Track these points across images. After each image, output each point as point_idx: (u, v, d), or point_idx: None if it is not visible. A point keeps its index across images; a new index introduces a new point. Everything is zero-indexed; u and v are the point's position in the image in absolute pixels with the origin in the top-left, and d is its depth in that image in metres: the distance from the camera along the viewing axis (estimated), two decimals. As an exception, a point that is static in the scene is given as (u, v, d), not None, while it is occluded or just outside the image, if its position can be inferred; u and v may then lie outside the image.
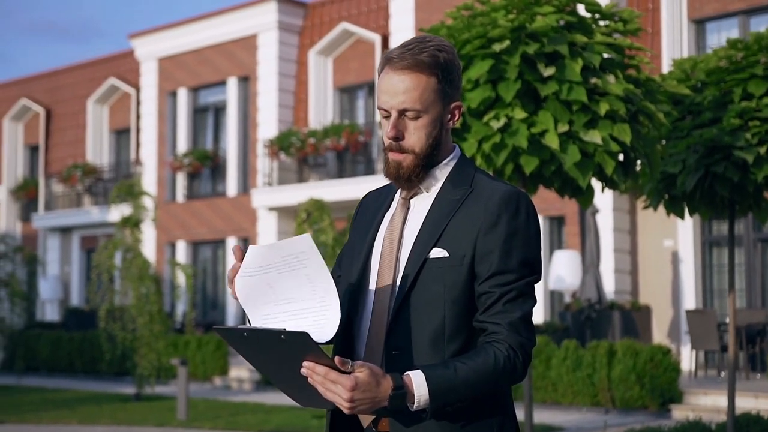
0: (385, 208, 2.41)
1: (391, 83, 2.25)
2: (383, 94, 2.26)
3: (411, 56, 2.23)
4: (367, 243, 2.36)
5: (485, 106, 6.13)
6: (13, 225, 27.35)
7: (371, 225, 2.40)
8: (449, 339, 2.20)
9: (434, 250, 2.23)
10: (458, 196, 2.27)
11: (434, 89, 2.24)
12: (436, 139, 2.28)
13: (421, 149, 2.27)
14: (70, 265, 25.50)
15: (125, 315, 15.05)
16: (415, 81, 2.22)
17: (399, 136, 2.26)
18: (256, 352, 2.11)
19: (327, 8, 21.30)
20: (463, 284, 2.20)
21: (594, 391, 12.83)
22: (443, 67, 2.25)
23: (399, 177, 2.29)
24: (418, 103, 2.23)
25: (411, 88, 2.23)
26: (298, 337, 1.98)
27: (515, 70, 6.00)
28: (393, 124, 2.25)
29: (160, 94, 23.40)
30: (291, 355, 2.03)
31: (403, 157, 2.27)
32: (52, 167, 26.25)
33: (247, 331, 2.05)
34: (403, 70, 2.23)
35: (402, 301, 2.23)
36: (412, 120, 2.25)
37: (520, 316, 2.19)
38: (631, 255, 16.59)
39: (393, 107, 2.25)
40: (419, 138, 2.26)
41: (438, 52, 2.25)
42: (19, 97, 27.34)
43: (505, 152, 6.07)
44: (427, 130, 2.26)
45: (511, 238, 2.21)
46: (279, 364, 2.08)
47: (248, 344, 2.09)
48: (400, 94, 2.23)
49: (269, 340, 2.03)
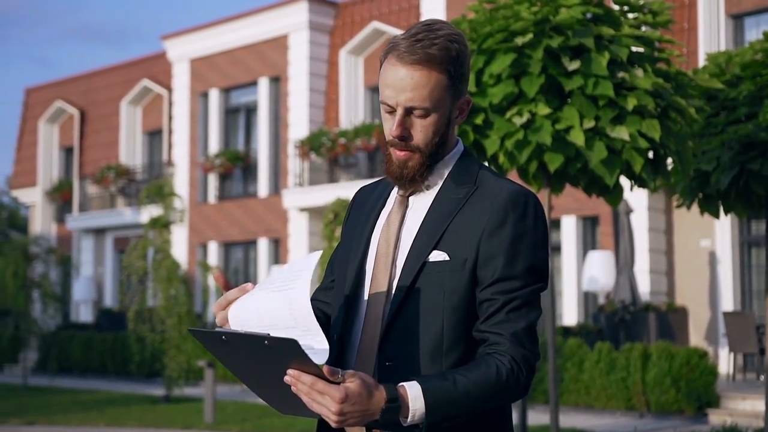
0: (381, 205, 2.22)
1: (397, 77, 2.05)
2: (388, 89, 2.07)
3: (421, 50, 2.03)
4: (362, 244, 2.19)
5: (508, 102, 5.94)
6: (49, 226, 27.52)
7: (366, 224, 2.22)
8: (448, 349, 2.03)
9: (434, 253, 2.05)
10: (461, 195, 2.10)
11: (444, 86, 2.06)
12: (443, 136, 2.11)
13: (427, 147, 2.09)
14: (104, 266, 25.60)
15: (154, 316, 15.00)
16: (425, 77, 2.03)
17: (405, 136, 2.08)
18: (236, 358, 1.95)
19: (358, 7, 21.17)
20: (464, 290, 2.03)
21: (628, 394, 12.55)
22: (455, 61, 2.06)
23: (402, 176, 2.11)
24: (427, 101, 2.05)
25: (420, 85, 2.03)
26: (284, 343, 1.81)
27: (539, 65, 5.81)
28: (399, 121, 2.07)
29: (192, 95, 23.41)
30: (274, 362, 1.87)
31: (409, 155, 2.09)
32: (87, 169, 26.38)
33: (226, 334, 1.88)
34: (412, 64, 2.03)
35: (397, 307, 2.05)
36: (420, 118, 2.07)
37: (524, 327, 2.01)
38: (667, 255, 16.26)
39: (399, 104, 2.06)
40: (426, 136, 2.08)
41: (449, 43, 2.06)
42: (54, 99, 27.52)
43: (528, 149, 5.87)
44: (434, 128, 2.08)
45: (518, 241, 2.02)
46: (260, 370, 1.92)
47: (227, 349, 1.92)
48: (408, 91, 2.04)
49: (251, 346, 1.86)
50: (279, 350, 1.83)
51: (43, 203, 27.60)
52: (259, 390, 2.00)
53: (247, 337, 1.85)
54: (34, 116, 28.26)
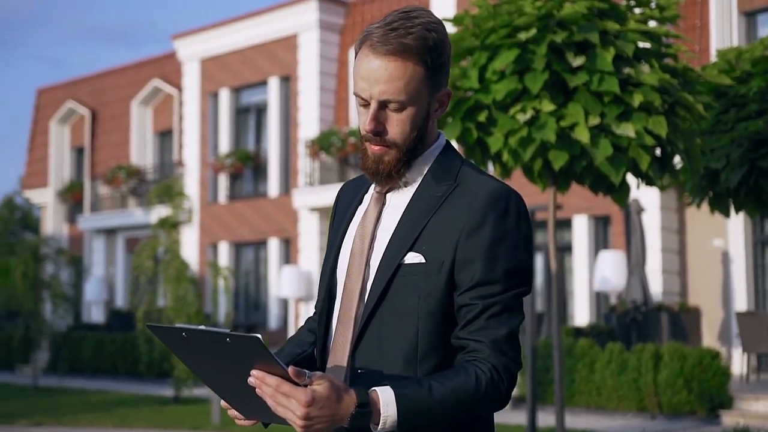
0: (359, 201, 2.13)
1: (370, 69, 1.93)
2: (361, 80, 1.95)
3: (395, 39, 1.91)
4: (337, 242, 2.09)
5: (512, 99, 5.84)
6: (60, 227, 27.54)
7: (342, 222, 2.13)
8: (423, 356, 1.92)
9: (409, 255, 1.94)
10: (440, 193, 1.98)
11: (421, 78, 1.94)
12: (422, 132, 2.00)
13: (404, 142, 1.98)
14: (115, 266, 25.60)
15: (163, 317, 14.95)
16: (399, 69, 1.92)
17: (380, 131, 1.97)
18: (196, 356, 1.85)
19: (368, 6, 21.07)
20: (441, 295, 1.92)
21: (640, 396, 12.41)
22: (432, 51, 1.94)
23: (378, 172, 2.00)
24: (402, 94, 1.93)
25: (395, 77, 1.92)
26: (247, 341, 1.71)
27: (542, 60, 5.70)
28: (373, 115, 1.96)
29: (202, 95, 23.37)
30: (237, 362, 1.77)
31: (385, 150, 1.98)
32: (98, 169, 26.39)
33: (186, 331, 1.78)
34: (386, 55, 1.91)
35: (371, 311, 1.95)
36: (395, 112, 1.96)
37: (505, 334, 1.90)
38: (680, 255, 16.09)
39: (373, 97, 1.94)
40: (402, 131, 1.97)
41: (427, 32, 1.93)
42: (66, 99, 27.55)
43: (532, 147, 5.76)
44: (411, 123, 1.97)
45: (498, 243, 1.92)
46: (223, 371, 1.83)
47: (187, 346, 1.83)
48: (382, 83, 1.93)
49: (212, 344, 1.77)
50: (242, 349, 1.74)
51: (54, 204, 27.63)
52: (224, 393, 1.90)
53: (208, 334, 1.76)
54: (46, 117, 28.30)
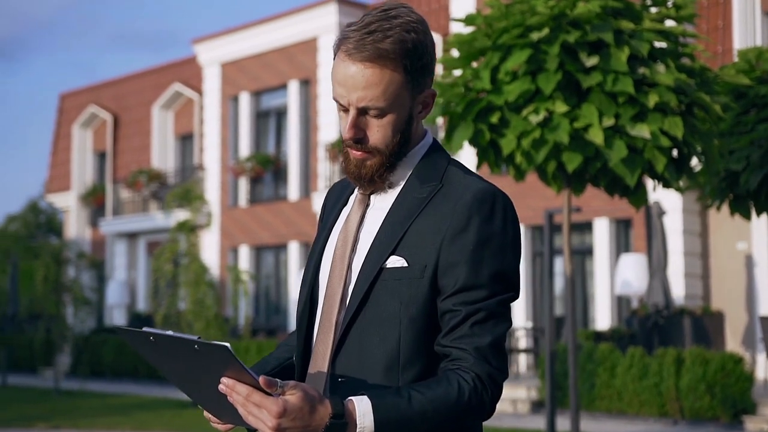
0: (343, 202, 2.06)
1: (347, 74, 1.85)
2: (339, 86, 1.88)
3: (372, 44, 1.83)
4: (320, 245, 2.02)
5: (524, 100, 5.75)
6: (83, 230, 27.67)
7: (326, 224, 2.06)
8: (405, 365, 1.85)
9: (391, 258, 1.87)
10: (424, 194, 1.91)
11: (401, 82, 1.86)
12: (405, 135, 1.92)
13: (387, 148, 1.90)
14: (137, 270, 25.68)
15: (182, 320, 14.95)
16: (377, 75, 1.84)
17: (360, 137, 1.89)
18: (167, 361, 1.80)
19: (388, 9, 21.00)
20: (424, 300, 1.84)
21: (661, 401, 12.25)
22: (412, 53, 1.86)
23: (360, 177, 1.93)
24: (381, 101, 1.85)
25: (373, 84, 1.84)
26: (215, 349, 1.65)
27: (555, 61, 5.61)
28: (352, 123, 1.88)
29: (222, 98, 23.41)
30: (208, 368, 1.72)
31: (366, 156, 1.91)
32: (120, 173, 26.50)
33: (154, 335, 1.73)
34: (362, 61, 1.84)
35: (351, 317, 1.88)
36: (375, 118, 1.88)
37: (490, 342, 1.82)
38: (702, 258, 15.90)
39: (352, 104, 1.87)
40: (384, 136, 1.89)
41: (405, 34, 1.85)
42: (88, 104, 27.69)
43: (545, 148, 5.67)
44: (393, 128, 1.89)
45: (483, 246, 1.84)
46: (194, 375, 1.78)
47: (156, 350, 1.78)
48: (360, 90, 1.85)
49: (181, 350, 1.72)
50: (211, 357, 1.68)
51: (77, 207, 27.77)
52: (198, 398, 1.85)
53: (175, 340, 1.70)
54: (69, 121, 28.47)
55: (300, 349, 1.98)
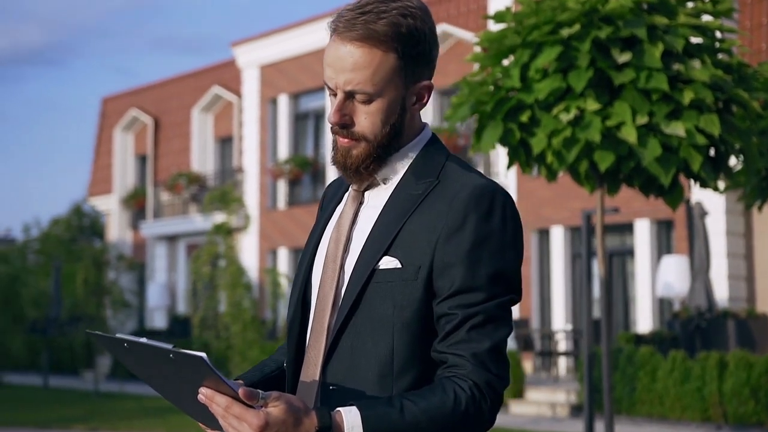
0: (338, 200, 1.96)
1: (336, 55, 1.77)
2: (328, 68, 1.79)
3: (363, 25, 1.74)
4: (312, 245, 1.92)
5: (555, 98, 5.61)
6: (124, 233, 27.90)
7: (320, 222, 1.96)
8: (399, 373, 1.74)
9: (384, 259, 1.76)
10: (420, 191, 1.80)
11: (392, 68, 1.77)
12: (396, 126, 1.81)
13: (375, 138, 1.80)
14: (177, 272, 25.82)
15: (219, 323, 14.98)
16: (366, 57, 1.75)
17: (346, 123, 1.80)
18: (144, 367, 1.73)
19: (426, 9, 20.90)
20: (419, 303, 1.73)
21: (704, 405, 12.01)
22: (406, 39, 1.76)
23: (346, 167, 1.83)
24: (369, 85, 1.76)
25: (361, 66, 1.75)
26: (191, 359, 1.58)
27: (587, 57, 5.47)
28: (337, 106, 1.79)
29: (261, 101, 23.46)
30: (185, 377, 1.64)
31: (352, 144, 1.81)
32: (160, 176, 26.67)
33: (128, 342, 1.66)
34: (352, 42, 1.75)
35: (342, 322, 1.77)
36: (363, 104, 1.79)
37: (489, 348, 1.70)
38: (747, 260, 15.58)
39: (339, 86, 1.78)
40: (372, 124, 1.79)
41: (401, 18, 1.76)
42: (130, 107, 27.92)
43: (576, 148, 5.53)
44: (382, 116, 1.79)
45: (480, 245, 1.73)
46: (173, 383, 1.71)
47: (132, 355, 1.71)
48: (347, 72, 1.76)
49: (156, 358, 1.65)
50: (187, 366, 1.60)
51: (119, 210, 28.00)
52: (181, 405, 1.77)
53: (150, 348, 1.63)
54: (110, 125, 28.73)
55: (292, 355, 1.88)
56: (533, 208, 17.54)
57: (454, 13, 20.23)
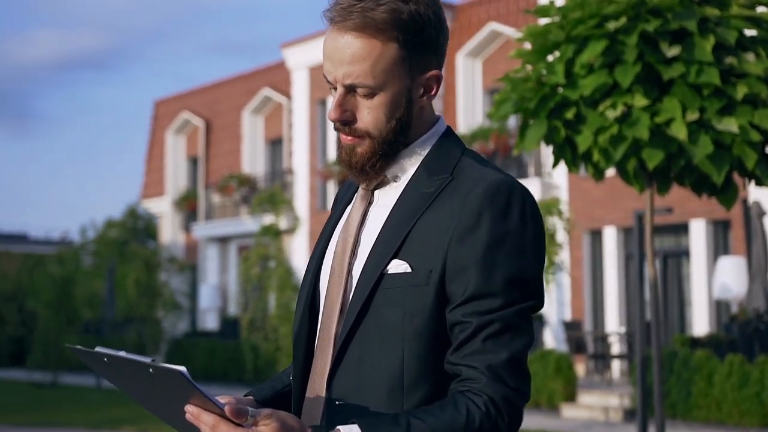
0: (348, 200, 1.83)
1: (334, 47, 1.64)
2: (326, 61, 1.66)
3: (360, 13, 1.61)
4: (320, 247, 1.79)
5: (601, 94, 5.42)
6: (177, 235, 28.10)
7: (329, 223, 1.83)
8: (410, 386, 1.60)
9: (393, 263, 1.62)
10: (432, 188, 1.66)
11: (394, 58, 1.63)
12: (402, 121, 1.68)
13: (379, 133, 1.67)
14: (228, 274, 25.93)
15: (267, 325, 14.96)
16: (366, 47, 1.62)
17: (348, 119, 1.66)
18: (126, 381, 1.64)
19: (475, 9, 20.70)
20: (430, 311, 1.59)
21: (763, 410, 11.65)
22: (408, 26, 1.63)
23: (351, 166, 1.70)
24: (369, 78, 1.63)
25: (359, 57, 1.62)
26: (171, 374, 1.47)
27: (634, 51, 5.27)
28: (337, 102, 1.66)
29: (311, 102, 23.44)
30: (168, 392, 1.55)
31: (356, 141, 1.68)
32: (212, 178, 26.82)
33: (108, 357, 1.57)
34: (349, 31, 1.62)
35: (349, 331, 1.64)
36: (365, 98, 1.65)
37: (507, 359, 1.55)
38: (807, 261, 15.10)
39: (338, 80, 1.65)
40: (376, 119, 1.66)
41: (401, 3, 1.63)
42: (181, 110, 28.13)
43: (624, 145, 5.33)
44: (386, 110, 1.66)
45: (496, 247, 1.58)
46: (158, 398, 1.61)
47: (113, 370, 1.62)
48: (346, 64, 1.63)
49: (137, 372, 1.55)
50: (168, 381, 1.50)
51: (171, 212, 28.21)
52: (166, 418, 1.67)
53: (130, 362, 1.53)
54: (162, 128, 28.97)
55: (299, 369, 1.74)
56: (586, 209, 17.25)
57: (503, 12, 19.99)
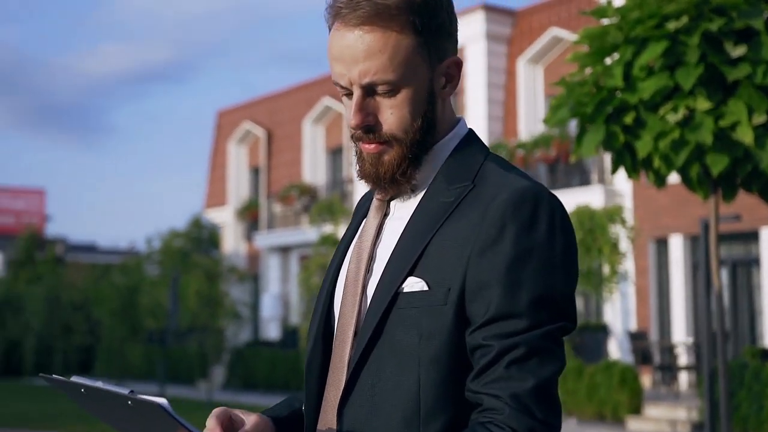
0: (365, 212, 1.68)
1: (344, 45, 1.48)
2: (336, 63, 1.51)
3: (369, 1, 1.46)
4: (335, 264, 1.64)
5: (661, 97, 5.20)
6: (239, 245, 28.26)
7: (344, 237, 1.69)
8: (427, 416, 1.44)
9: (409, 280, 1.47)
10: (452, 198, 1.50)
11: (412, 47, 1.48)
12: (428, 118, 1.52)
13: (406, 134, 1.51)
14: (290, 283, 25.97)
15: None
16: (380, 39, 1.47)
17: (371, 124, 1.50)
18: (104, 410, 1.54)
19: (536, 15, 20.44)
20: (449, 333, 1.44)
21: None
22: (422, 9, 1.48)
23: (380, 178, 1.54)
24: (390, 72, 1.47)
25: (375, 50, 1.46)
26: (150, 406, 1.37)
27: (696, 52, 5.04)
28: (358, 106, 1.50)
29: (371, 111, 23.40)
30: (148, 424, 1.44)
31: (382, 148, 1.52)
32: (273, 188, 26.93)
33: (85, 387, 1.46)
34: (359, 25, 1.47)
35: (361, 355, 1.49)
36: (386, 97, 1.50)
37: (533, 387, 1.39)
38: None
39: (354, 81, 1.49)
40: (401, 119, 1.50)
41: None
42: (243, 120, 28.32)
43: (686, 150, 5.10)
44: (411, 108, 1.50)
45: (522, 261, 1.42)
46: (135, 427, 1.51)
47: (90, 400, 1.53)
48: (360, 62, 1.47)
49: (116, 403, 1.45)
50: (149, 413, 1.38)
51: (234, 222, 28.39)
52: None
53: (108, 393, 1.42)
54: (225, 138, 29.20)
55: (312, 398, 1.59)
56: (651, 216, 16.88)
57: (564, 17, 19.71)
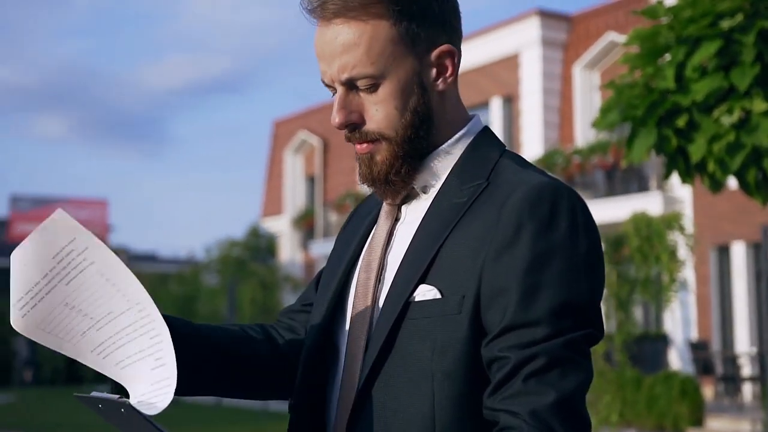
0: (373, 218, 1.58)
1: (324, 41, 1.42)
2: (319, 61, 1.45)
3: None
4: (341, 272, 1.53)
5: (715, 99, 5.00)
6: (295, 254, 28.35)
7: (352, 242, 1.57)
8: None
9: (420, 288, 1.36)
10: (465, 198, 1.40)
11: (390, 36, 1.39)
12: (419, 112, 1.43)
13: (395, 131, 1.42)
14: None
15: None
16: (355, 31, 1.39)
17: (354, 121, 1.43)
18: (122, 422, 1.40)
19: (592, 19, 20.15)
20: (464, 345, 1.32)
21: None
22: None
23: (375, 179, 1.46)
24: (367, 65, 1.39)
25: (351, 44, 1.39)
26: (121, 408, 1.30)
27: (752, 51, 4.85)
28: (340, 104, 1.43)
29: (425, 119, 23.32)
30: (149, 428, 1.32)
31: (372, 147, 1.44)
32: (329, 196, 26.98)
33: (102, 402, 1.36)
34: (334, 19, 1.39)
35: (370, 372, 1.38)
36: (368, 92, 1.41)
37: (554, 401, 1.26)
38: None
39: (335, 78, 1.42)
40: (387, 115, 1.41)
41: None
42: (299, 129, 28.45)
43: (742, 154, 4.91)
44: (396, 103, 1.41)
45: (540, 264, 1.30)
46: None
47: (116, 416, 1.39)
48: (338, 56, 1.40)
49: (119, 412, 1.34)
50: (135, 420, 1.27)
51: (290, 231, 28.50)
52: None
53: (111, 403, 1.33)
54: (281, 147, 29.36)
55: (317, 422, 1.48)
56: (712, 223, 16.49)
57: (621, 21, 19.38)
